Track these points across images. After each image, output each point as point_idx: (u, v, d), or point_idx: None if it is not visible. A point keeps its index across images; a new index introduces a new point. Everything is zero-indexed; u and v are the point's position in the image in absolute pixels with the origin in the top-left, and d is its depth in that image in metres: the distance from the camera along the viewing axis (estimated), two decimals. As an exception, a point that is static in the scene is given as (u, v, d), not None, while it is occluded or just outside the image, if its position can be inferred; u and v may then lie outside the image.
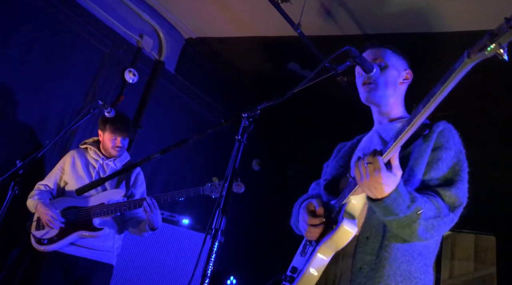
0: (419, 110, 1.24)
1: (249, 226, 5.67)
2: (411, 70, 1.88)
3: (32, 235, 3.02)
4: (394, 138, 1.31)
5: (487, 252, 6.80)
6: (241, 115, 1.52)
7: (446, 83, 1.17)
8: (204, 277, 1.27)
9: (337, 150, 1.99)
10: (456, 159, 1.58)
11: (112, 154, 3.26)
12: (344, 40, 4.00)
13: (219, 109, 5.38)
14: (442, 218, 1.45)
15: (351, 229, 1.47)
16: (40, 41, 3.67)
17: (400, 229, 1.44)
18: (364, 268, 1.49)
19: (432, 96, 1.21)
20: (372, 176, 1.34)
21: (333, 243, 1.49)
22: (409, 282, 1.49)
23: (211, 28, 4.67)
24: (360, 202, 1.51)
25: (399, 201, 1.37)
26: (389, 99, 1.80)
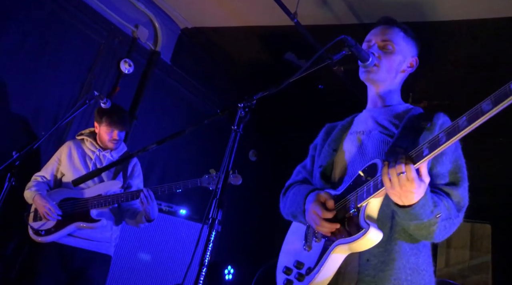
0: (464, 125, 1.16)
1: (247, 216, 5.69)
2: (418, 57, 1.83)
3: (30, 226, 3.02)
4: (430, 148, 1.24)
5: (483, 240, 6.86)
6: (237, 105, 1.50)
7: (498, 106, 1.08)
8: (202, 266, 1.27)
9: (325, 132, 1.93)
10: (457, 153, 1.58)
11: (109, 147, 3.25)
12: (341, 29, 3.98)
13: (215, 100, 5.37)
14: (452, 220, 1.46)
15: (378, 236, 1.39)
16: (35, 31, 3.64)
17: (417, 231, 1.44)
18: (371, 260, 1.48)
19: (482, 115, 1.12)
20: (405, 186, 1.28)
21: (353, 247, 1.43)
22: (417, 274, 1.49)
23: (207, 18, 4.63)
24: (379, 203, 1.45)
25: (426, 208, 1.36)
26: (389, 83, 1.77)
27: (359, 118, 1.85)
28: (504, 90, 1.08)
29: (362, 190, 1.45)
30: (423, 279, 1.51)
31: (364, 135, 1.71)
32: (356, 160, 1.66)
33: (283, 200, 1.88)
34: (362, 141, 1.70)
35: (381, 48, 1.74)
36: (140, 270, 3.88)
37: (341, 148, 1.76)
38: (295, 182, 1.90)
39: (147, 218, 3.06)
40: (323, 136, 1.91)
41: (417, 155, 1.28)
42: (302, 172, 1.93)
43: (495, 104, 1.09)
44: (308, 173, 1.90)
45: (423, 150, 1.27)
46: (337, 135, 1.83)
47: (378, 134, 1.67)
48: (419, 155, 1.28)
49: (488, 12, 3.41)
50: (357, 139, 1.72)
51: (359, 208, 1.45)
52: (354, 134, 1.76)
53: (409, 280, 1.47)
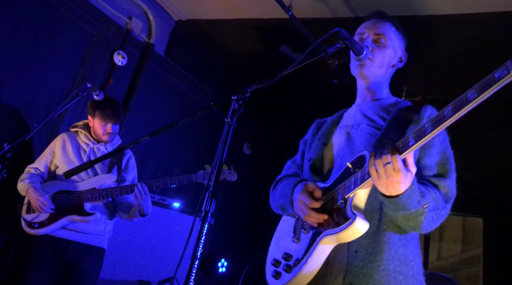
0: (449, 115, 1.18)
1: (240, 209, 5.70)
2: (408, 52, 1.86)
3: (23, 219, 3.00)
4: (416, 138, 1.26)
5: (475, 234, 6.92)
6: (230, 97, 1.50)
7: (483, 95, 1.10)
8: (194, 259, 1.27)
9: (315, 127, 1.94)
10: (445, 144, 1.60)
11: (104, 140, 3.23)
12: (336, 22, 3.97)
13: (209, 92, 5.35)
14: (440, 211, 1.47)
15: (364, 226, 1.40)
16: (26, 22, 3.60)
17: (405, 222, 1.44)
18: (360, 252, 1.50)
19: (466, 103, 1.14)
20: (391, 176, 1.29)
21: (340, 238, 1.44)
22: (405, 265, 1.51)
23: (201, 10, 4.60)
24: (366, 195, 1.47)
25: (413, 197, 1.37)
26: (379, 78, 1.79)
27: (348, 113, 1.87)
28: (488, 79, 1.10)
29: (350, 182, 1.46)
30: (411, 270, 1.52)
31: (353, 128, 1.72)
32: (345, 154, 1.68)
33: (273, 194, 1.89)
34: (351, 134, 1.71)
35: (375, 42, 1.76)
36: (134, 263, 3.88)
37: (330, 142, 1.78)
38: (285, 176, 1.91)
39: (141, 212, 3.06)
40: (313, 131, 1.92)
41: (403, 145, 1.30)
42: (292, 167, 1.94)
43: (479, 93, 1.11)
44: (298, 168, 1.91)
45: (409, 140, 1.28)
46: (327, 129, 1.84)
47: (367, 127, 1.68)
48: (405, 145, 1.29)
49: (482, 7, 3.42)
50: (346, 133, 1.73)
51: (346, 199, 1.46)
52: (343, 128, 1.77)
53: (398, 271, 1.49)
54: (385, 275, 1.46)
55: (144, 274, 3.90)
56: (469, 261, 7.07)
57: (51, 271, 2.94)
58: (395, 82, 1.94)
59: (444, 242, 7.66)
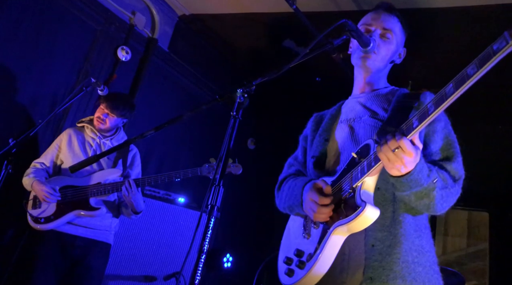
0: (451, 92, 1.17)
1: (245, 204, 5.70)
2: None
3: (29, 214, 3.01)
4: (419, 119, 1.26)
5: (480, 228, 6.90)
6: (236, 91, 1.49)
7: (484, 67, 1.09)
8: (201, 253, 1.26)
9: (314, 122, 1.93)
10: (447, 129, 1.60)
11: (95, 125, 3.22)
12: (340, 16, 3.93)
13: (213, 87, 5.34)
14: (449, 189, 1.47)
15: (374, 213, 1.39)
16: (30, 18, 3.59)
17: (419, 201, 1.43)
18: (377, 245, 1.49)
19: (467, 79, 1.13)
20: (402, 159, 1.29)
21: (351, 227, 1.42)
22: (422, 255, 1.51)
23: (204, 4, 4.58)
24: (373, 181, 1.46)
25: (423, 171, 1.36)
26: (380, 72, 1.80)
27: (346, 106, 1.85)
28: (487, 52, 1.09)
29: (357, 171, 1.46)
30: (428, 260, 1.52)
31: (355, 122, 1.72)
32: (349, 147, 1.67)
33: (279, 195, 1.87)
34: (354, 128, 1.70)
35: (381, 36, 1.75)
36: (139, 258, 3.89)
37: (333, 138, 1.77)
38: (288, 175, 1.89)
39: (133, 210, 3.06)
40: (313, 126, 1.91)
41: (408, 128, 1.30)
42: (295, 164, 1.92)
43: (479, 67, 1.10)
44: (300, 165, 1.90)
45: (412, 122, 1.28)
46: (328, 125, 1.83)
47: (369, 119, 1.67)
48: (409, 127, 1.29)
49: None
50: (348, 127, 1.72)
51: (354, 189, 1.45)
52: (344, 122, 1.76)
53: (416, 261, 1.49)
54: (405, 267, 1.46)
55: (150, 269, 3.91)
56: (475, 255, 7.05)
57: (57, 266, 2.95)
58: (399, 76, 1.93)
59: (449, 236, 7.64)
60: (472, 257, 7.04)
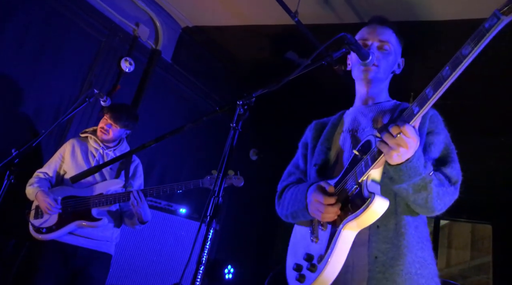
0: (448, 74, 1.19)
1: (247, 215, 5.69)
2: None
3: (31, 224, 3.01)
4: (419, 104, 1.27)
5: (484, 241, 6.85)
6: (236, 102, 1.50)
7: (478, 46, 1.11)
8: (199, 264, 1.26)
9: (314, 129, 1.92)
10: (444, 143, 1.61)
11: (98, 136, 3.24)
12: (342, 28, 3.96)
13: (216, 98, 5.36)
14: (446, 188, 1.47)
15: (383, 204, 1.39)
16: (35, 29, 3.64)
17: (417, 193, 1.43)
18: (380, 257, 1.49)
19: (463, 59, 1.16)
20: (406, 144, 1.29)
21: (361, 221, 1.41)
22: (425, 268, 1.52)
23: (207, 16, 4.63)
24: (379, 174, 1.45)
25: (421, 159, 1.37)
26: (381, 84, 1.81)
27: (349, 116, 1.86)
28: (480, 30, 1.12)
29: (360, 166, 1.46)
30: (430, 273, 1.53)
31: (358, 132, 1.73)
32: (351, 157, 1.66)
33: (280, 203, 1.86)
34: (356, 137, 1.71)
35: (379, 49, 1.77)
36: (140, 269, 3.88)
37: (335, 146, 1.77)
38: (290, 183, 1.89)
39: (140, 220, 3.06)
40: (313, 134, 1.91)
41: (409, 115, 1.31)
42: (296, 172, 1.92)
43: (474, 46, 1.13)
44: (301, 173, 1.89)
45: (413, 109, 1.29)
46: (329, 133, 1.84)
47: (372, 130, 1.68)
48: (411, 114, 1.30)
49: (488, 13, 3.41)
50: (351, 137, 1.73)
51: (360, 184, 1.45)
52: (347, 132, 1.77)
53: (419, 273, 1.49)
54: (408, 279, 1.47)
55: (151, 280, 3.90)
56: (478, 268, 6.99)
57: (58, 276, 2.94)
58: (401, 87, 1.94)
59: (453, 249, 7.59)
60: (476, 270, 6.98)
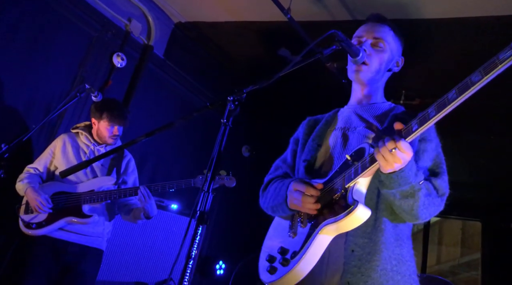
0: (454, 98, 1.18)
1: (239, 211, 5.69)
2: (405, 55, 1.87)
3: (21, 219, 3.00)
4: (419, 122, 1.28)
5: (474, 238, 6.92)
6: (226, 98, 1.51)
7: (489, 75, 1.10)
8: (188, 259, 1.27)
9: (307, 126, 1.94)
10: (436, 151, 1.62)
11: (108, 142, 3.24)
12: (334, 25, 3.96)
13: (209, 94, 5.35)
14: (432, 198, 1.48)
15: (366, 212, 1.40)
16: (26, 23, 3.60)
17: (404, 199, 1.45)
18: (356, 251, 1.50)
19: (471, 85, 1.14)
20: (399, 159, 1.32)
21: (341, 226, 1.43)
22: (402, 265, 1.52)
23: (200, 12, 4.61)
24: (366, 183, 1.48)
25: (412, 168, 1.39)
26: (376, 82, 1.80)
27: (342, 114, 1.86)
28: (493, 61, 1.10)
29: (350, 172, 1.47)
30: (407, 270, 1.54)
31: (349, 131, 1.73)
32: (341, 154, 1.68)
33: (264, 195, 1.89)
34: (348, 136, 1.72)
35: (373, 46, 1.76)
36: (131, 264, 3.88)
37: (325, 143, 1.78)
38: (275, 177, 1.91)
39: (146, 215, 3.07)
40: (306, 130, 1.92)
41: (407, 131, 1.32)
42: (283, 166, 1.93)
43: (484, 75, 1.11)
44: (289, 168, 1.91)
45: (412, 126, 1.30)
46: (322, 130, 1.84)
47: (364, 130, 1.69)
48: (409, 131, 1.31)
49: (480, 11, 3.45)
50: (342, 135, 1.74)
51: (346, 189, 1.47)
52: (339, 130, 1.78)
53: (395, 270, 1.50)
54: (383, 275, 1.47)
55: (142, 276, 3.90)
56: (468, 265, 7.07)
57: (49, 272, 2.94)
58: (393, 85, 1.95)
59: (443, 246, 7.65)
60: (466, 267, 7.06)
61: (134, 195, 3.04)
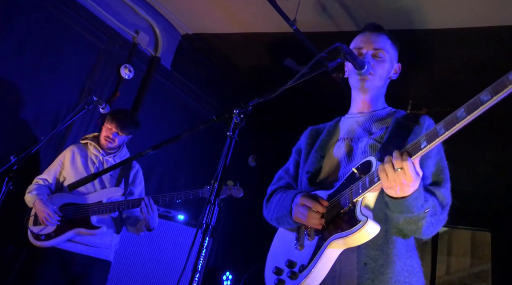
0: (463, 116, 1.17)
1: (246, 222, 5.67)
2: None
3: (30, 230, 3.00)
4: (427, 140, 1.26)
5: (484, 248, 6.84)
6: (232, 111, 1.51)
7: (497, 96, 1.09)
8: (195, 271, 1.27)
9: (309, 136, 1.93)
10: (439, 155, 1.61)
11: (103, 144, 3.24)
12: (340, 36, 3.99)
13: (216, 105, 5.37)
14: (438, 217, 1.48)
15: (375, 228, 1.39)
16: (35, 36, 3.65)
17: (407, 225, 1.46)
18: (369, 264, 1.49)
19: (480, 105, 1.13)
20: (401, 182, 1.31)
21: (349, 241, 1.42)
22: (414, 276, 1.52)
23: (207, 24, 4.65)
24: (374, 197, 1.47)
25: (418, 200, 1.38)
26: (378, 91, 1.81)
27: (344, 123, 1.86)
28: (502, 81, 1.09)
29: (357, 186, 1.46)
30: (418, 281, 1.54)
31: (353, 142, 1.73)
32: (346, 166, 1.68)
33: (267, 206, 1.89)
34: (352, 147, 1.71)
35: (374, 56, 1.77)
36: (139, 275, 3.87)
37: (329, 155, 1.77)
38: (278, 187, 1.90)
39: (147, 227, 3.07)
40: (308, 140, 1.91)
41: (415, 148, 1.30)
42: (285, 177, 1.94)
43: (493, 94, 1.10)
44: (291, 178, 1.90)
45: (420, 143, 1.29)
46: (324, 141, 1.84)
47: (367, 140, 1.68)
48: (417, 148, 1.29)
49: (485, 21, 3.45)
50: (346, 146, 1.73)
51: (354, 203, 1.45)
52: (342, 140, 1.77)
53: (407, 281, 1.50)
54: None
55: (149, 287, 3.89)
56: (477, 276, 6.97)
57: (57, 283, 2.94)
58: (400, 95, 1.94)
59: (453, 256, 7.56)
60: (475, 278, 6.96)
61: (137, 206, 3.04)
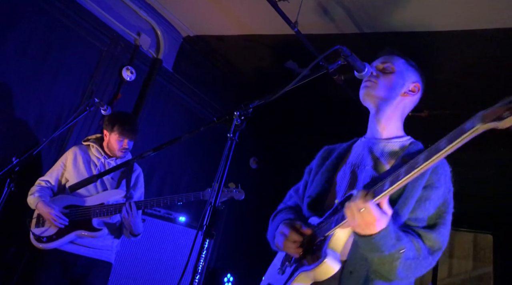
0: (420, 163, 1.21)
1: (247, 224, 5.68)
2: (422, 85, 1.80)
3: (32, 232, 3.00)
4: (391, 182, 1.28)
5: (486, 251, 6.81)
6: (233, 113, 1.51)
7: (453, 144, 1.13)
8: (195, 273, 1.27)
9: (322, 157, 1.88)
10: (443, 198, 1.54)
11: (118, 155, 3.25)
12: (341, 38, 4.00)
13: (217, 108, 5.38)
14: (420, 260, 1.44)
15: (333, 266, 1.41)
16: (37, 38, 3.67)
17: (381, 265, 1.42)
18: None
19: (436, 152, 1.17)
20: (365, 219, 1.31)
21: (313, 275, 1.44)
22: None
23: (209, 26, 4.66)
24: (346, 235, 1.46)
25: (387, 239, 1.35)
26: (387, 106, 1.72)
27: (357, 147, 1.80)
28: (459, 130, 1.13)
29: (332, 220, 1.47)
30: None
31: (359, 169, 1.68)
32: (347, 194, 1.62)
33: (270, 225, 1.88)
34: (356, 175, 1.67)
35: (380, 69, 1.75)
36: (140, 277, 3.87)
37: (333, 180, 1.74)
38: (285, 207, 1.90)
39: (131, 232, 3.06)
40: (319, 161, 1.87)
41: (378, 190, 1.31)
42: (294, 197, 1.93)
43: (449, 143, 1.15)
44: (299, 199, 1.89)
45: (384, 185, 1.30)
46: (332, 164, 1.79)
47: (370, 170, 1.64)
48: (380, 190, 1.31)
49: (487, 23, 3.45)
50: (351, 172, 1.69)
51: (326, 237, 1.47)
52: (349, 166, 1.73)
53: None
54: None
55: (150, 289, 3.89)
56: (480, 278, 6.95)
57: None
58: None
59: (455, 258, 7.54)
60: (478, 280, 6.94)
61: (119, 212, 3.03)
